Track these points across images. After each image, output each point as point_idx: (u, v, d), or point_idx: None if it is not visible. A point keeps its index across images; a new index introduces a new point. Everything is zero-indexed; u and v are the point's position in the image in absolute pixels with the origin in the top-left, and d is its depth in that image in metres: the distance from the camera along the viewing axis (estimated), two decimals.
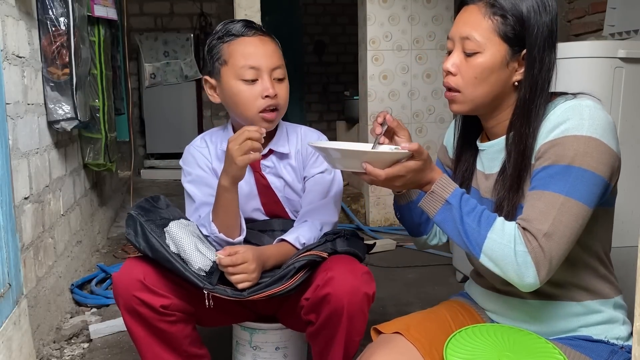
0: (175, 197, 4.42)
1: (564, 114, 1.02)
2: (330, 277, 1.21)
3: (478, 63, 1.06)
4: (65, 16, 2.09)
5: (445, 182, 1.07)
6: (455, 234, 1.05)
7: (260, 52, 1.36)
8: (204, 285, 1.24)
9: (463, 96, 1.10)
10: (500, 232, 1.00)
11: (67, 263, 2.29)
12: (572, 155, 0.99)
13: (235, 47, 1.37)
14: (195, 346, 1.38)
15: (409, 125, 3.63)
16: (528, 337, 1.06)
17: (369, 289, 1.23)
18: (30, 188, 1.83)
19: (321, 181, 1.46)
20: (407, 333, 1.10)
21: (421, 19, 3.55)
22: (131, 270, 1.28)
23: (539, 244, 0.97)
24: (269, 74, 1.36)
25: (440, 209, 1.06)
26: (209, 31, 6.05)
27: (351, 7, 4.55)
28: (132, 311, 1.27)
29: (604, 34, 2.78)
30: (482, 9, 1.05)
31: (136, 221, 1.31)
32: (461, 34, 1.07)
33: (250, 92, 1.36)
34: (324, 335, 1.26)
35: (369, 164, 1.04)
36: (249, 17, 2.94)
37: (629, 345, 1.09)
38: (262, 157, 1.46)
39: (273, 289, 1.25)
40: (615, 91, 1.73)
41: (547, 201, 0.99)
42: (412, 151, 1.03)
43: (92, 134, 2.62)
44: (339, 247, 1.33)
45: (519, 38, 1.04)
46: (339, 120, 4.63)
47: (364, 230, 3.52)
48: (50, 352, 1.86)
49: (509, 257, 0.98)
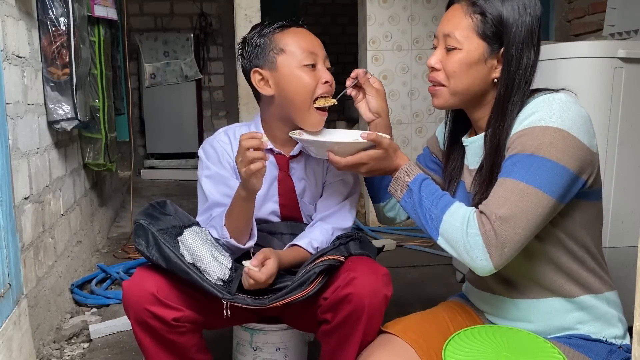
0: (175, 198, 4.42)
1: (535, 106, 1.04)
2: (353, 277, 1.20)
3: (457, 58, 1.10)
4: (65, 16, 2.09)
5: (409, 168, 1.14)
6: (416, 218, 1.10)
7: (314, 40, 1.39)
8: (224, 295, 1.22)
9: (446, 89, 1.13)
10: (455, 214, 1.03)
11: (67, 263, 2.29)
12: (537, 144, 1.00)
13: (291, 36, 1.38)
14: (201, 353, 1.36)
15: (409, 125, 3.64)
16: (527, 337, 1.06)
17: (388, 291, 1.23)
18: (30, 188, 1.83)
19: (340, 188, 1.45)
20: (404, 335, 1.10)
21: (421, 19, 3.55)
22: (143, 281, 1.23)
23: (492, 226, 0.98)
24: (323, 61, 1.37)
25: (404, 195, 1.13)
26: (209, 31, 6.05)
27: (351, 7, 4.55)
28: (143, 323, 1.24)
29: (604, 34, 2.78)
30: (464, 7, 1.11)
31: (147, 231, 1.25)
32: (444, 32, 1.13)
33: (311, 77, 1.35)
34: (339, 334, 1.25)
35: (331, 153, 1.16)
36: (249, 17, 2.94)
37: (626, 344, 1.09)
38: (291, 158, 1.44)
39: (294, 295, 1.22)
40: (615, 91, 1.73)
41: (507, 187, 1.01)
42: (371, 141, 1.12)
43: (92, 134, 2.62)
44: (353, 250, 1.32)
45: (498, 36, 1.08)
46: (339, 120, 4.64)
47: (364, 230, 3.52)
48: (50, 352, 1.86)
49: (461, 238, 1.01)
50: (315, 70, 1.35)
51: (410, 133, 3.62)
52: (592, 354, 1.05)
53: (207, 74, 6.05)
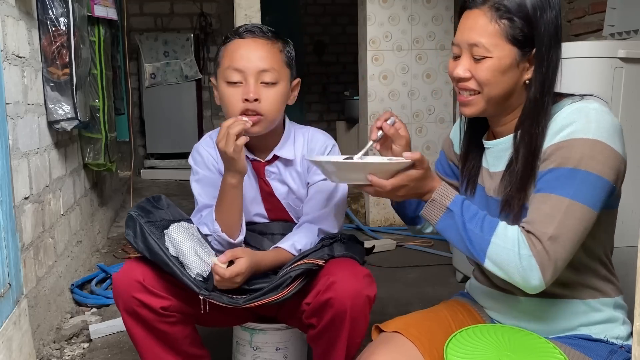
0: (175, 197, 4.42)
1: (570, 116, 1.02)
2: (332, 281, 1.21)
3: (488, 66, 1.05)
4: (65, 16, 2.09)
5: (445, 189, 1.08)
6: (458, 241, 1.05)
7: (248, 54, 1.34)
8: (200, 291, 1.24)
9: (480, 97, 1.09)
10: (504, 237, 1.00)
11: (67, 263, 2.29)
12: (578, 158, 0.99)
13: (227, 49, 1.37)
14: (195, 346, 1.38)
15: (409, 126, 3.63)
16: (528, 337, 1.06)
17: (371, 292, 1.23)
18: (30, 188, 1.83)
19: (323, 189, 1.44)
20: (406, 332, 1.10)
21: (421, 19, 3.55)
22: (131, 271, 1.28)
23: (543, 247, 0.97)
24: (254, 77, 1.33)
25: (441, 217, 1.06)
26: (209, 31, 6.05)
27: (351, 7, 4.55)
28: (132, 312, 1.27)
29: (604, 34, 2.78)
30: (488, 13, 1.04)
31: (136, 222, 1.30)
32: (468, 41, 1.06)
33: (233, 94, 1.34)
34: (326, 338, 1.26)
35: (374, 176, 1.04)
36: (249, 17, 2.94)
37: (628, 344, 1.09)
38: (267, 163, 1.45)
39: (268, 297, 1.25)
40: (615, 91, 1.73)
41: (552, 204, 0.99)
42: (414, 160, 1.04)
43: (92, 134, 2.62)
44: (337, 252, 1.32)
45: (528, 39, 1.04)
46: (339, 120, 4.64)
47: (364, 230, 3.52)
48: (50, 352, 1.86)
49: (514, 261, 0.98)
50: (239, 87, 1.34)
51: (410, 133, 3.61)
52: (593, 354, 1.05)
53: (207, 74, 6.04)
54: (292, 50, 1.43)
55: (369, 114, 3.59)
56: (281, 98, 1.37)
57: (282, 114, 1.44)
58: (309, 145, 1.46)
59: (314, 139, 1.48)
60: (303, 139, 1.47)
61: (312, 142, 1.47)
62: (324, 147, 1.46)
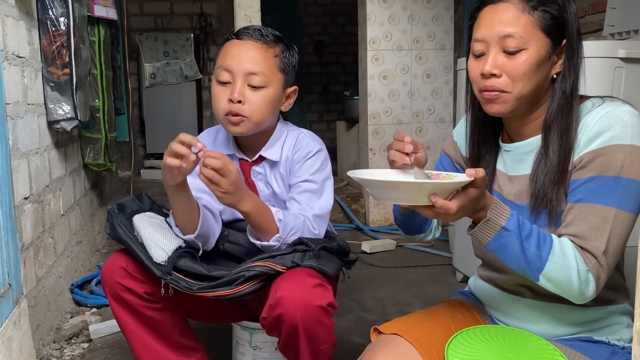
0: None
1: (605, 122, 1.00)
2: (280, 297, 1.19)
3: (525, 59, 1.01)
4: (65, 16, 2.09)
5: (500, 207, 0.99)
6: (512, 260, 0.99)
7: (239, 55, 1.34)
8: (161, 274, 1.27)
9: (511, 95, 1.03)
10: (561, 255, 0.98)
11: (67, 263, 2.29)
12: (619, 166, 0.97)
13: (223, 48, 1.39)
14: (186, 338, 1.39)
15: (409, 125, 3.64)
16: (529, 339, 1.06)
17: (323, 300, 1.20)
18: (30, 188, 1.83)
19: (308, 189, 1.40)
20: (405, 333, 1.10)
21: (421, 19, 3.55)
22: (115, 260, 1.34)
23: (597, 261, 0.97)
24: (242, 78, 1.33)
25: (495, 237, 0.98)
26: (209, 31, 6.05)
27: (351, 7, 4.55)
28: (118, 298, 1.32)
29: (604, 34, 2.78)
30: (518, 5, 1.02)
31: (110, 215, 1.37)
32: (500, 34, 1.02)
33: (220, 94, 1.35)
34: (290, 349, 1.27)
35: (438, 197, 0.92)
36: (249, 17, 2.94)
37: (630, 346, 1.08)
38: (253, 163, 1.45)
39: (220, 290, 1.25)
40: (615, 91, 1.73)
41: (599, 215, 0.98)
42: (478, 179, 0.93)
43: (92, 134, 2.62)
44: (304, 261, 1.28)
45: (560, 29, 1.02)
46: (339, 120, 4.64)
47: (364, 230, 3.52)
48: (50, 352, 1.86)
49: (573, 277, 0.97)
50: (227, 87, 1.35)
51: (410, 133, 3.61)
52: (594, 355, 1.04)
53: (207, 74, 6.04)
54: (292, 56, 1.41)
55: (369, 114, 3.59)
56: (269, 103, 1.36)
57: (273, 118, 1.42)
58: (294, 148, 1.43)
59: (300, 142, 1.44)
60: (292, 141, 1.45)
61: (298, 144, 1.44)
62: (306, 151, 1.42)
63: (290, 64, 1.40)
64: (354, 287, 2.43)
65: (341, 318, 2.13)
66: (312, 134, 1.49)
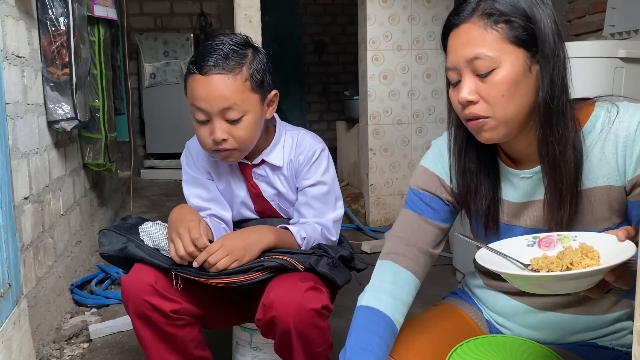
0: (175, 197, 4.41)
1: None
2: (272, 299, 1.20)
3: (499, 79, 0.92)
4: (65, 16, 2.09)
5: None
6: None
7: (209, 95, 1.26)
8: (170, 265, 1.27)
9: (495, 120, 0.95)
10: None
11: (67, 263, 2.29)
12: None
13: (189, 82, 1.30)
14: (199, 348, 1.38)
15: (409, 125, 3.63)
16: (532, 348, 1.04)
17: (316, 303, 1.20)
18: (30, 188, 1.83)
19: (316, 194, 1.42)
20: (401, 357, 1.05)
21: (421, 19, 3.55)
22: (142, 274, 1.27)
23: None
24: (219, 116, 1.27)
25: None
26: (209, 31, 6.05)
27: (351, 7, 4.54)
28: (143, 316, 1.27)
29: (604, 34, 2.78)
30: (479, 22, 0.93)
31: (104, 233, 1.37)
32: (467, 57, 0.94)
33: (202, 133, 1.32)
34: (284, 351, 1.27)
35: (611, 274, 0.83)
36: (249, 17, 2.94)
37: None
38: (254, 166, 1.44)
39: (236, 277, 1.25)
40: (615, 91, 1.73)
41: None
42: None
43: (92, 134, 2.62)
44: (319, 266, 1.29)
45: (532, 37, 0.93)
46: (339, 120, 4.63)
47: (364, 230, 3.51)
48: (50, 352, 1.86)
49: None
50: (207, 125, 1.30)
51: (410, 133, 3.62)
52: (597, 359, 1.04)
53: None
54: (261, 62, 1.32)
55: (369, 114, 3.59)
56: (252, 127, 1.31)
57: (262, 130, 1.39)
58: (296, 150, 1.42)
59: (302, 143, 1.43)
60: (292, 142, 1.43)
61: (300, 146, 1.43)
62: (311, 152, 1.42)
63: (261, 74, 1.31)
64: (354, 287, 2.42)
65: (341, 318, 2.12)
66: (311, 133, 1.49)
